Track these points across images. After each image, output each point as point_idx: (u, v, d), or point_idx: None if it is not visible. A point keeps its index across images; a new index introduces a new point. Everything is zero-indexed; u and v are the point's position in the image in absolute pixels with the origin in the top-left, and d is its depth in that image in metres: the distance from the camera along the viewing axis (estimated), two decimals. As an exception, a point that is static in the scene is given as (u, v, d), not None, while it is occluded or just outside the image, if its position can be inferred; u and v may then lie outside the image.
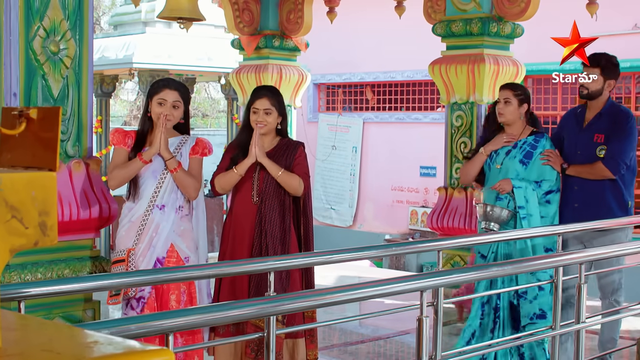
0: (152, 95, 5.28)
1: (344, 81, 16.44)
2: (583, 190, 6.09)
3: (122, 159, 5.20)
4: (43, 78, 5.04)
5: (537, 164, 6.02)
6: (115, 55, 13.15)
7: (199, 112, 32.42)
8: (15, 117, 1.43)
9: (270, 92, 5.42)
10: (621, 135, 6.03)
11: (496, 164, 6.16)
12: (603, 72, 6.15)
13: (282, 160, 5.32)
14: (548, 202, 5.97)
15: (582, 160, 6.10)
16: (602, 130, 6.09)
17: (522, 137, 6.15)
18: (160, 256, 5.10)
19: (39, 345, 1.35)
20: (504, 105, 6.15)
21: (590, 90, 6.16)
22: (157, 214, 5.12)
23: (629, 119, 6.13)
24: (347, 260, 4.96)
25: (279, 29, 10.25)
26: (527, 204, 5.90)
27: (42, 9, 5.03)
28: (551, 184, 5.97)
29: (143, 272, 4.64)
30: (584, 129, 6.20)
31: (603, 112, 6.16)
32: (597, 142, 6.07)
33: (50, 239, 1.33)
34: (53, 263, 4.92)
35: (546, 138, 6.14)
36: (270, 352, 3.39)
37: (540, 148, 6.06)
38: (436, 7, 8.62)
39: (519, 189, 5.90)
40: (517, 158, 6.08)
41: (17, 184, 1.30)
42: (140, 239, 5.09)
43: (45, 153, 1.40)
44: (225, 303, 4.51)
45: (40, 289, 3.43)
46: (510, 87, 6.26)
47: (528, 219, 5.88)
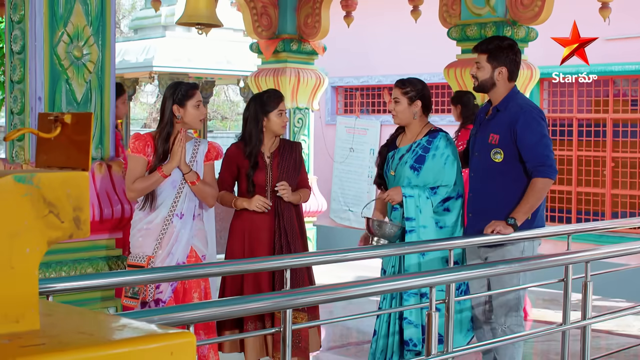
0: (186, 99, 5.25)
1: (362, 84, 16.53)
2: (477, 198, 5.32)
3: (140, 170, 5.21)
4: (67, 82, 5.20)
5: (433, 168, 5.29)
6: (136, 59, 13.31)
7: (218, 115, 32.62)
8: (51, 122, 1.57)
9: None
10: (526, 134, 5.10)
11: (390, 171, 5.47)
12: (490, 58, 5.24)
13: (290, 158, 5.54)
14: (447, 210, 5.26)
15: (479, 163, 5.31)
16: (496, 130, 5.20)
17: (418, 138, 5.42)
18: (180, 261, 5.21)
19: (72, 328, 1.50)
20: (394, 104, 5.43)
21: (479, 80, 5.30)
22: (177, 222, 5.22)
23: (525, 114, 5.16)
24: (360, 258, 5.11)
25: (297, 33, 10.40)
26: (420, 214, 5.19)
27: (66, 16, 5.19)
28: (449, 189, 5.25)
29: (165, 268, 4.78)
30: (481, 126, 5.35)
31: (499, 108, 5.25)
32: (492, 144, 5.19)
33: (83, 232, 1.48)
34: (77, 262, 5.07)
35: (441, 137, 5.37)
36: (286, 346, 3.54)
37: (434, 150, 5.31)
38: (451, 11, 8.73)
39: (411, 199, 5.19)
40: (407, 163, 5.35)
41: (54, 183, 1.44)
42: (160, 245, 5.18)
43: (78, 154, 1.54)
44: (244, 296, 4.70)
45: (67, 284, 3.58)
46: (399, 84, 5.45)
47: (418, 232, 5.18)
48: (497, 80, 5.24)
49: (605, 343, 7.14)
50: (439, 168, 5.28)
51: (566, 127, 13.53)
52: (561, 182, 13.50)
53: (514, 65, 5.30)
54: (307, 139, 10.65)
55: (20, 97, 5.17)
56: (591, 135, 13.25)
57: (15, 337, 1.38)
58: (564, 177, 13.48)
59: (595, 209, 13.17)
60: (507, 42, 5.36)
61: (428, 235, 5.16)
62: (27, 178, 1.40)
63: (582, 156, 13.36)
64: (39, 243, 1.45)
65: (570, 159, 13.44)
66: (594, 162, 13.24)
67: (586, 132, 13.31)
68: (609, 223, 5.63)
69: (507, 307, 5.20)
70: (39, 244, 1.45)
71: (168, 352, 1.43)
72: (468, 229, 5.34)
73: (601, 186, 13.14)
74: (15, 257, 1.41)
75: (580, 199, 13.38)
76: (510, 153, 5.15)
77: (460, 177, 5.33)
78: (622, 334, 7.49)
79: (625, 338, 7.28)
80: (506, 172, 5.17)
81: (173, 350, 1.44)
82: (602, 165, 13.13)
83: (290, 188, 5.45)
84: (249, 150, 5.47)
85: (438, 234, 5.20)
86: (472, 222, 5.31)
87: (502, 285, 5.08)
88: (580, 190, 13.39)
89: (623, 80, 12.95)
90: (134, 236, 5.24)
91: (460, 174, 5.37)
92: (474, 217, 5.31)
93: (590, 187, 13.25)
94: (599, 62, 12.45)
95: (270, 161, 5.48)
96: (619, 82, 13.01)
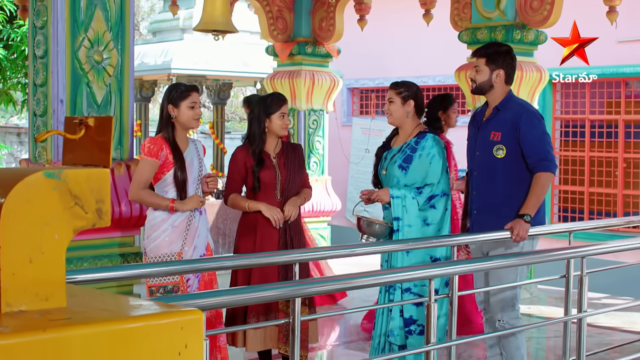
0: (180, 100, 5.42)
1: (377, 85, 16.71)
2: (480, 196, 5.54)
3: (149, 173, 5.31)
4: (87, 85, 5.40)
5: (420, 167, 5.50)
6: (154, 62, 13.47)
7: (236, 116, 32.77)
8: (76, 125, 1.77)
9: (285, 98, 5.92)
10: (529, 131, 5.36)
11: (382, 170, 5.72)
12: (488, 61, 5.49)
13: (295, 158, 5.82)
14: (433, 207, 5.48)
15: (481, 161, 5.54)
16: (498, 128, 5.44)
17: (409, 139, 5.65)
18: (202, 254, 5.45)
19: (95, 306, 1.70)
20: (388, 105, 5.70)
21: (477, 82, 5.54)
22: (198, 218, 5.45)
23: (528, 112, 5.47)
24: (367, 253, 5.34)
25: (312, 36, 10.58)
26: (406, 214, 5.42)
27: (87, 22, 5.39)
28: (433, 188, 5.46)
29: (184, 261, 5.03)
30: (481, 126, 5.56)
31: (500, 107, 5.49)
32: (494, 141, 5.43)
33: (104, 221, 1.68)
34: (97, 258, 5.29)
35: (428, 139, 5.56)
36: (295, 336, 3.72)
37: (420, 150, 5.52)
38: (462, 15, 8.90)
39: (397, 199, 5.44)
40: (396, 163, 5.59)
41: (79, 178, 1.64)
42: (186, 242, 5.38)
43: (100, 153, 1.74)
44: (254, 285, 4.95)
45: (88, 275, 3.77)
46: (393, 86, 5.73)
47: (403, 231, 5.42)
48: (495, 82, 5.48)
49: (610, 339, 7.29)
50: (425, 167, 5.49)
51: (579, 129, 13.65)
52: (574, 182, 13.62)
53: (511, 69, 5.54)
54: (322, 140, 10.82)
55: (43, 100, 5.37)
56: (603, 136, 13.37)
57: (45, 312, 1.57)
58: (577, 177, 13.60)
59: (607, 209, 13.28)
60: (505, 48, 5.62)
61: (413, 234, 5.40)
62: (56, 174, 1.60)
63: (595, 157, 13.48)
64: (66, 231, 1.64)
65: (583, 160, 13.56)
66: (606, 162, 13.35)
67: (598, 133, 13.43)
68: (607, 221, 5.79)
69: (503, 302, 5.38)
70: (66, 232, 1.64)
71: (179, 327, 1.63)
72: (473, 227, 5.53)
73: (613, 186, 13.25)
74: (45, 243, 1.61)
75: (592, 199, 13.50)
76: (512, 149, 5.37)
77: (445, 177, 5.52)
78: (627, 331, 7.64)
79: (630, 335, 7.43)
80: (508, 168, 5.39)
81: (183, 326, 1.63)
82: (614, 166, 13.24)
83: (295, 193, 5.78)
84: (252, 149, 5.72)
85: (424, 232, 5.43)
86: (476, 219, 5.52)
87: (499, 281, 5.27)
88: (592, 190, 13.50)
89: (635, 82, 13.06)
90: (158, 238, 5.34)
91: (446, 173, 5.56)
92: (478, 215, 5.51)
93: (603, 188, 13.36)
94: (611, 63, 12.58)
95: (277, 161, 5.71)
96: (631, 84, 13.12)
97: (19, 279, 1.55)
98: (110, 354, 1.53)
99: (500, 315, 5.38)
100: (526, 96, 8.49)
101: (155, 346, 1.59)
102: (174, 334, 1.61)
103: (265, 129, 5.72)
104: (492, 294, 5.40)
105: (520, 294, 5.68)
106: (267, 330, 5.62)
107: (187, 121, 5.46)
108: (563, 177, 13.64)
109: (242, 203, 5.70)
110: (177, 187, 5.33)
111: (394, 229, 5.44)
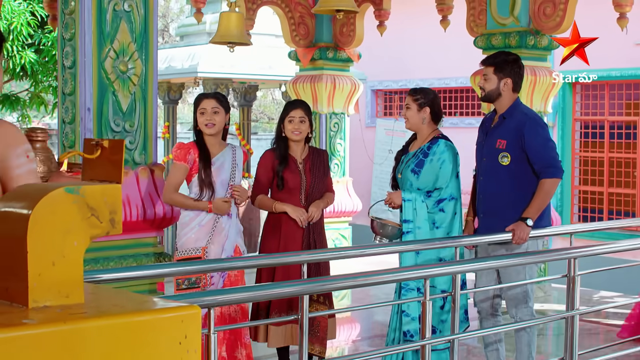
0: (195, 108, 5.81)
1: (400, 87, 16.90)
2: (486, 199, 5.73)
3: (180, 177, 5.68)
4: (113, 94, 5.65)
5: (431, 172, 5.69)
6: (181, 65, 13.70)
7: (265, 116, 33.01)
8: (93, 146, 2.05)
9: (303, 104, 6.11)
10: (534, 138, 5.50)
11: (398, 173, 5.91)
12: (496, 70, 5.65)
13: (320, 164, 6.05)
14: (442, 211, 5.65)
15: (487, 167, 5.70)
16: (504, 136, 5.59)
17: (424, 144, 5.82)
18: (229, 256, 5.68)
19: (109, 302, 1.97)
20: (405, 110, 5.91)
21: (486, 90, 5.71)
22: (227, 221, 5.71)
23: (531, 120, 5.59)
24: (378, 254, 5.60)
25: (333, 42, 10.82)
26: (416, 217, 5.63)
27: (113, 33, 5.64)
28: (441, 192, 5.64)
29: (210, 261, 5.30)
30: (489, 134, 5.73)
31: (505, 116, 5.65)
32: (499, 149, 5.58)
33: (116, 230, 1.94)
34: (122, 258, 5.55)
35: (440, 144, 5.74)
36: (303, 332, 3.97)
37: (432, 155, 5.70)
38: (478, 21, 9.11)
39: (409, 202, 5.63)
40: (410, 167, 5.78)
41: (95, 193, 1.91)
42: (212, 240, 5.64)
43: (113, 170, 2.01)
44: (267, 283, 5.24)
45: (111, 275, 4.03)
46: (411, 92, 5.92)
47: (414, 232, 5.64)
48: (502, 90, 5.65)
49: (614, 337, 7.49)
50: (435, 172, 5.68)
51: (598, 130, 13.78)
52: (593, 183, 13.76)
53: (518, 78, 5.71)
54: (343, 143, 11.06)
55: (71, 108, 5.63)
56: (622, 137, 13.49)
57: (65, 307, 1.84)
58: (596, 178, 13.73)
59: (626, 209, 13.40)
60: (512, 57, 5.78)
61: (422, 236, 5.61)
62: (75, 189, 1.87)
63: (614, 158, 13.60)
64: (84, 238, 1.91)
65: (602, 161, 13.69)
66: (625, 163, 13.47)
67: (617, 134, 13.55)
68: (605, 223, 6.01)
69: (516, 300, 5.60)
70: (84, 239, 1.91)
71: (179, 320, 1.89)
72: (480, 229, 5.75)
73: (632, 187, 13.38)
74: (66, 248, 1.87)
75: (611, 200, 13.63)
76: (517, 156, 5.53)
77: (454, 181, 5.71)
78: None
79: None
80: (513, 174, 5.56)
81: (183, 319, 1.90)
82: (632, 167, 13.36)
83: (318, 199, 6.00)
84: (277, 153, 5.98)
85: (433, 234, 5.63)
86: (483, 222, 5.74)
87: (510, 280, 5.51)
88: (611, 191, 13.63)
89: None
90: (185, 235, 5.65)
91: (457, 178, 5.74)
92: (484, 217, 5.73)
93: (622, 188, 13.48)
94: (630, 65, 12.71)
95: (303, 167, 5.95)
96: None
97: (44, 279, 1.80)
98: (121, 343, 1.78)
99: (515, 312, 5.61)
100: (540, 100, 8.70)
101: (159, 336, 1.84)
102: (175, 326, 1.87)
103: (282, 132, 5.99)
104: (505, 292, 5.63)
105: (534, 291, 5.90)
106: (289, 328, 5.86)
107: (200, 126, 5.74)
108: (582, 178, 13.80)
109: (269, 204, 5.95)
110: (202, 187, 5.61)
111: (403, 230, 5.67)
